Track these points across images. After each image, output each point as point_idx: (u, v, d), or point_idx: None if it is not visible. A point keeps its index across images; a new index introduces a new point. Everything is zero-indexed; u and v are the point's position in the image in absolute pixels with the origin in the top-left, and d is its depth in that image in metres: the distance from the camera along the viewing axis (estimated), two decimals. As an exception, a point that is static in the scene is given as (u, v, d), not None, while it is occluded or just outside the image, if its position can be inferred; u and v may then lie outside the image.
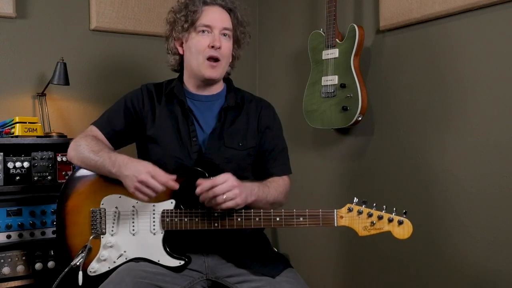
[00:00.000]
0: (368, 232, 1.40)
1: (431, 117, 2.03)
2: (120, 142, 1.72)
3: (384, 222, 1.38)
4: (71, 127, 2.47)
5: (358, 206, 1.41)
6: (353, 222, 1.41)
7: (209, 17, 1.64)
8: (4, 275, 2.01)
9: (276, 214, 1.45)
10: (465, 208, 1.91)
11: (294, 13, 2.71)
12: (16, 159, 2.08)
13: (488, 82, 1.83)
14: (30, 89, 2.41)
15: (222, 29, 1.64)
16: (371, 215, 1.40)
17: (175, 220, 1.52)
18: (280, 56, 2.80)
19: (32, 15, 2.42)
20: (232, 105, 1.69)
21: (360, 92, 2.14)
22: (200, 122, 1.67)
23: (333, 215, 1.42)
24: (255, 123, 1.71)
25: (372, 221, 1.39)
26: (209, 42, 1.61)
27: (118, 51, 2.62)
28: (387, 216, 1.39)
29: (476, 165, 1.87)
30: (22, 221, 2.07)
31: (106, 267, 1.55)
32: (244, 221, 1.47)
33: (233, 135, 1.66)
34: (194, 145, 1.62)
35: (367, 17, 2.28)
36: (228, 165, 1.61)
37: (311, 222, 1.43)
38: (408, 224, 1.38)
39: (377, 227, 1.39)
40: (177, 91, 1.69)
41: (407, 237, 1.37)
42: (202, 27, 1.63)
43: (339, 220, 1.42)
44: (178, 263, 1.52)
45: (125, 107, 1.70)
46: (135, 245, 1.55)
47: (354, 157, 2.37)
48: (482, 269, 1.85)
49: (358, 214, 1.40)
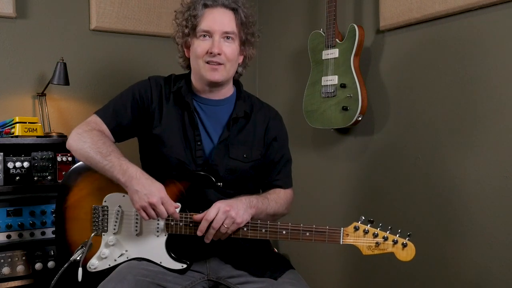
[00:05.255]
0: (372, 252, 1.43)
1: (431, 117, 2.03)
2: (123, 136, 1.68)
3: (388, 244, 1.41)
4: (71, 127, 2.36)
5: (364, 226, 1.43)
6: (358, 241, 1.44)
7: (208, 21, 1.59)
8: (4, 275, 2.01)
9: (282, 227, 1.47)
10: (466, 209, 1.90)
11: (294, 13, 2.70)
12: (16, 159, 2.08)
13: (490, 82, 1.83)
14: (30, 89, 2.41)
15: (222, 33, 1.59)
16: (376, 236, 1.42)
17: (180, 225, 1.51)
18: (280, 56, 2.79)
19: (32, 15, 2.41)
20: (242, 115, 1.66)
21: (360, 92, 2.14)
22: (206, 127, 1.64)
23: (340, 233, 1.44)
24: (262, 134, 1.68)
25: (377, 242, 1.42)
26: (208, 48, 1.58)
27: (118, 51, 2.62)
28: (391, 237, 1.41)
29: (477, 166, 1.87)
30: (22, 221, 2.07)
31: (107, 265, 1.55)
32: (250, 232, 1.48)
33: (239, 146, 1.64)
34: (198, 150, 1.60)
35: (367, 17, 2.28)
36: (230, 176, 1.61)
37: (317, 238, 1.45)
38: (411, 248, 1.41)
39: (381, 248, 1.42)
40: (184, 92, 1.65)
41: (409, 260, 1.41)
42: (201, 33, 1.60)
43: (344, 238, 1.44)
44: (180, 266, 1.52)
45: (132, 100, 1.64)
46: (138, 245, 1.55)
47: (354, 157, 2.37)
48: (485, 271, 1.85)
49: (364, 234, 1.43)
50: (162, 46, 2.68)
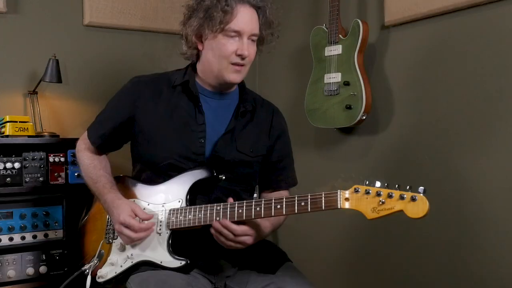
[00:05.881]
0: (377, 214, 1.22)
1: (439, 116, 2.00)
2: (114, 146, 1.72)
3: (394, 200, 1.21)
4: (63, 126, 2.45)
5: (366, 187, 1.25)
6: (360, 204, 1.25)
7: (240, 22, 1.53)
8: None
9: (277, 201, 1.40)
10: (476, 210, 1.87)
11: (296, 8, 2.68)
12: (6, 160, 2.06)
13: (500, 79, 1.80)
14: (21, 86, 2.38)
15: (250, 35, 1.56)
16: (379, 194, 1.23)
17: (180, 218, 1.50)
18: (281, 52, 2.76)
19: (23, 10, 2.38)
20: (250, 109, 1.65)
21: (364, 90, 2.12)
22: (212, 121, 1.61)
23: (336, 196, 1.30)
24: (267, 129, 1.68)
25: (380, 200, 1.22)
26: (237, 49, 1.53)
27: (113, 47, 2.59)
28: (398, 193, 1.21)
29: (488, 166, 1.84)
30: (13, 224, 2.05)
31: (113, 272, 1.56)
32: (245, 212, 1.43)
33: (245, 140, 1.63)
34: (199, 147, 1.57)
35: (371, 12, 2.26)
36: (238, 169, 1.60)
37: (312, 207, 1.34)
38: (423, 201, 1.18)
39: (387, 207, 1.21)
40: (192, 86, 1.61)
41: (422, 216, 1.18)
42: (232, 32, 1.53)
43: (343, 202, 1.29)
44: (179, 263, 1.49)
45: (117, 107, 1.65)
46: (141, 247, 1.55)
47: (357, 157, 2.35)
48: (496, 276, 1.81)
49: (365, 194, 1.24)
50: (158, 42, 2.67)
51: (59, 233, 2.13)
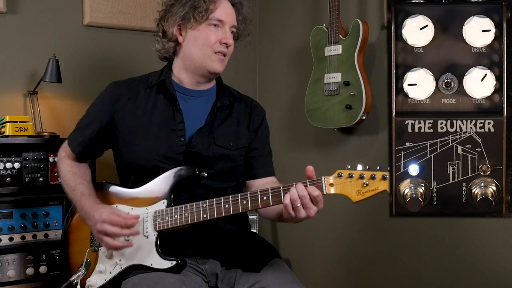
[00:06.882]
0: (362, 196, 1.27)
1: None
2: (94, 154, 1.72)
3: (377, 181, 1.25)
4: (63, 126, 2.43)
5: (349, 171, 1.29)
6: (344, 188, 1.29)
7: (223, 11, 1.59)
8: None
9: (263, 193, 1.38)
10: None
11: (296, 8, 2.67)
12: (6, 160, 2.05)
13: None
14: (21, 87, 2.37)
15: (232, 26, 1.61)
16: (363, 177, 1.27)
17: (166, 219, 1.48)
18: (281, 52, 2.77)
19: (23, 10, 2.37)
20: (227, 104, 1.66)
21: (364, 90, 2.11)
22: (190, 118, 1.61)
23: (321, 182, 1.32)
24: (246, 123, 1.69)
25: (364, 183, 1.26)
26: (221, 38, 1.57)
27: (113, 47, 2.58)
28: (380, 174, 1.25)
29: None
30: (13, 224, 2.04)
31: (103, 280, 1.55)
32: (231, 206, 1.41)
33: (224, 134, 1.62)
34: (180, 146, 1.57)
35: (371, 12, 2.25)
36: (219, 163, 1.59)
37: None
38: None
39: (371, 188, 1.25)
40: (168, 85, 1.62)
41: None
42: (215, 21, 1.57)
43: (328, 188, 1.31)
44: (169, 264, 1.48)
45: (96, 113, 1.65)
46: (129, 252, 1.52)
47: (358, 158, 2.33)
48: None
49: (349, 178, 1.28)
50: (158, 42, 2.63)
51: (59, 233, 2.11)
